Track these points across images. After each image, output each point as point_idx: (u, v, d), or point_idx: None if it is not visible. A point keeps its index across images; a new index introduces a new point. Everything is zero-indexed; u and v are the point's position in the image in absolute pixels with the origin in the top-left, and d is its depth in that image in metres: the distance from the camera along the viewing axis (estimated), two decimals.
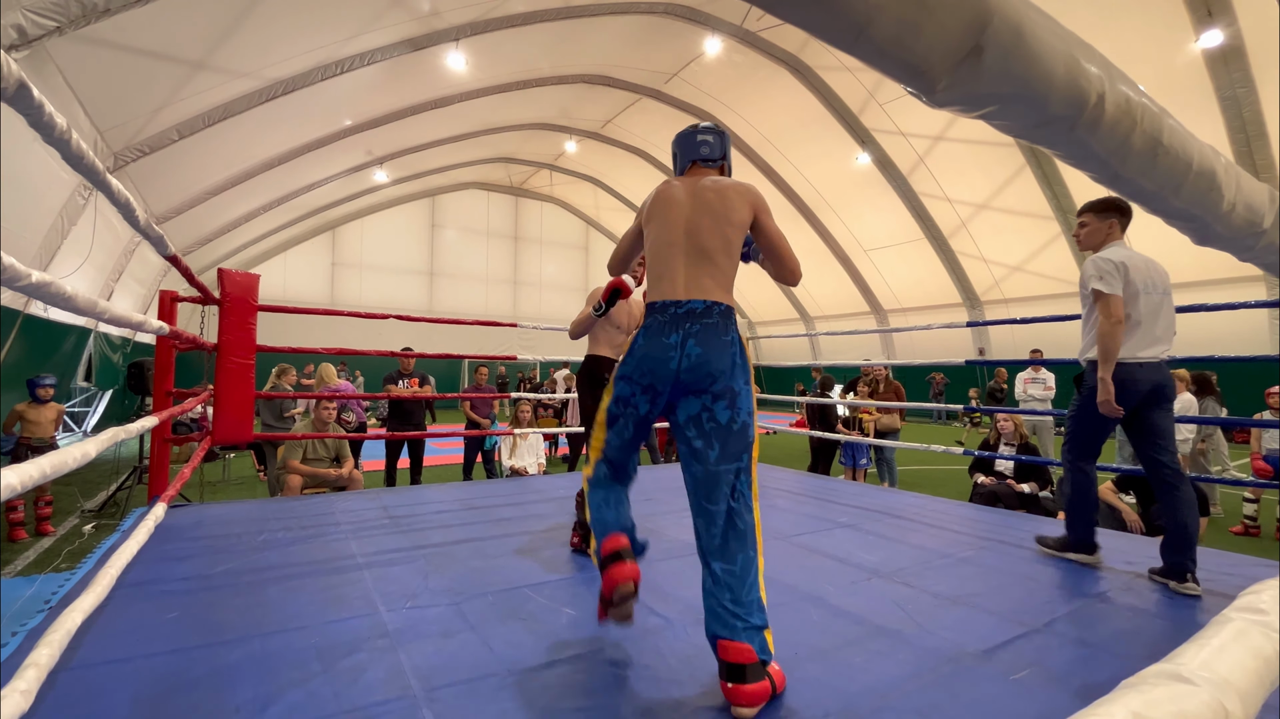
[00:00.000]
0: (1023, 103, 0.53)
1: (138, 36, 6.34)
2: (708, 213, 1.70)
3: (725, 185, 1.74)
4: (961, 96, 0.51)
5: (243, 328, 3.42)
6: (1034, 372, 7.37)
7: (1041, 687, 1.55)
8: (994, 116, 0.55)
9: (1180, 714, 0.43)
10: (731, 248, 1.71)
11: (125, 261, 9.67)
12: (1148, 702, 0.44)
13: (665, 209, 1.77)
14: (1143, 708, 0.43)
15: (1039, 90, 0.53)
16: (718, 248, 1.69)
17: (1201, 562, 2.69)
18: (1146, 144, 0.62)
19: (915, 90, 0.52)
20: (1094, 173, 0.67)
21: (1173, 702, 0.44)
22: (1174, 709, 0.43)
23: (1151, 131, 0.62)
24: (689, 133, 1.92)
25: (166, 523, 2.93)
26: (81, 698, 1.41)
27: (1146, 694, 0.45)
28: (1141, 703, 0.43)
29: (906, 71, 0.49)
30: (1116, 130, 0.59)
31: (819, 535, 3.02)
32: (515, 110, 14.34)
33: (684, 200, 1.75)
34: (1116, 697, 0.45)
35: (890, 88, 12.54)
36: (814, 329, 20.07)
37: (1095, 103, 0.57)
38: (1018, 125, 0.57)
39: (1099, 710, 0.42)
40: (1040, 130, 0.58)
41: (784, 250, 1.80)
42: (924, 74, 0.49)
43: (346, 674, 1.54)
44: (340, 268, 19.49)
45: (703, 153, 1.88)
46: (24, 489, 0.86)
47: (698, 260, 1.69)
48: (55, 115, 0.87)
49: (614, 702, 1.45)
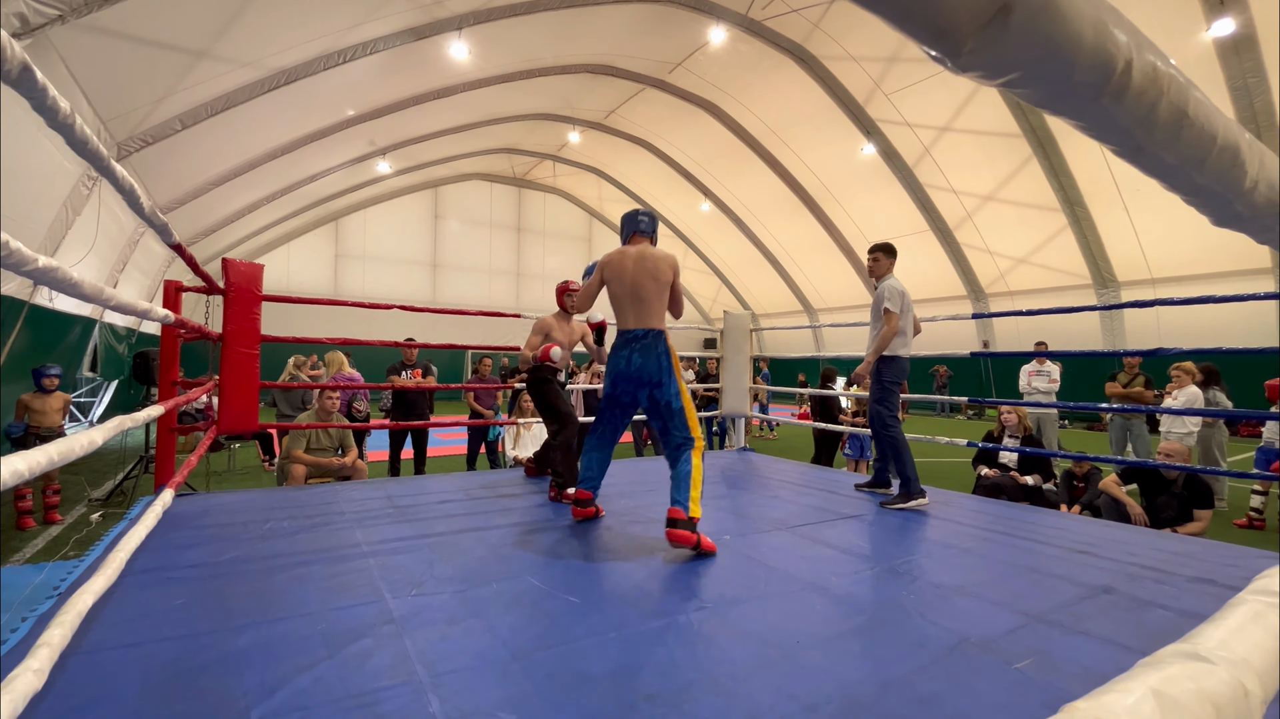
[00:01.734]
0: (1049, 68, 0.51)
1: (140, 25, 6.31)
2: (646, 274, 2.79)
3: (658, 255, 2.82)
4: (987, 61, 0.49)
5: (247, 318, 3.42)
6: (1038, 364, 7.34)
7: (1043, 676, 1.56)
8: (1017, 84, 0.54)
9: (1200, 692, 0.43)
10: (661, 296, 2.81)
11: (130, 252, 9.67)
12: (1166, 678, 0.43)
13: (619, 273, 2.82)
14: (1161, 685, 0.42)
15: (1066, 54, 0.51)
16: (652, 297, 2.80)
17: (1205, 553, 2.69)
18: (1172, 115, 0.61)
19: (939, 54, 0.50)
20: (1116, 145, 0.65)
21: (1192, 679, 0.44)
22: (1193, 687, 0.43)
23: (1178, 102, 0.60)
24: (632, 214, 2.96)
25: (173, 511, 2.95)
26: (92, 682, 1.42)
27: (1165, 672, 0.45)
28: (1160, 680, 0.43)
29: (931, 32, 0.47)
30: (1142, 100, 0.58)
31: (822, 526, 3.02)
32: (518, 100, 14.26)
33: (630, 267, 2.81)
34: (1135, 674, 0.45)
35: (896, 77, 12.43)
36: (817, 321, 20.02)
37: (1122, 70, 0.55)
38: (1041, 93, 0.55)
39: (1118, 687, 0.42)
40: (1063, 99, 0.56)
41: (680, 297, 2.91)
42: (950, 35, 0.47)
43: (353, 660, 1.55)
44: (344, 259, 19.49)
45: (641, 228, 2.94)
46: (32, 475, 0.87)
47: (639, 305, 2.79)
48: (59, 99, 0.86)
49: (615, 687, 1.46)
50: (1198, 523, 3.74)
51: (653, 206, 20.93)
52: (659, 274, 2.79)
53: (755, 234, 19.55)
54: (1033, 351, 5.85)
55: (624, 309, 2.83)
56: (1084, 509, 4.39)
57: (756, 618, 1.88)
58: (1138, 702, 0.42)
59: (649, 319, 2.78)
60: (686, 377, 8.60)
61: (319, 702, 1.37)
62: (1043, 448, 5.44)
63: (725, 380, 5.61)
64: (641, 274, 2.77)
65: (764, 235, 19.44)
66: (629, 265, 2.80)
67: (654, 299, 2.78)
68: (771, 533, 2.87)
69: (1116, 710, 0.41)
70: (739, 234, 19.73)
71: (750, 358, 5.68)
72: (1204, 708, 0.42)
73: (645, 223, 2.94)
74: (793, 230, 18.24)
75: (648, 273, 2.77)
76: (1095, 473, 4.52)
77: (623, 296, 2.81)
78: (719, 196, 18.89)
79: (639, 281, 2.77)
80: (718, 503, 3.50)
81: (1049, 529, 3.09)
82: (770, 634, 1.77)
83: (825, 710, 1.38)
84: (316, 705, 1.35)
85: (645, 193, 20.70)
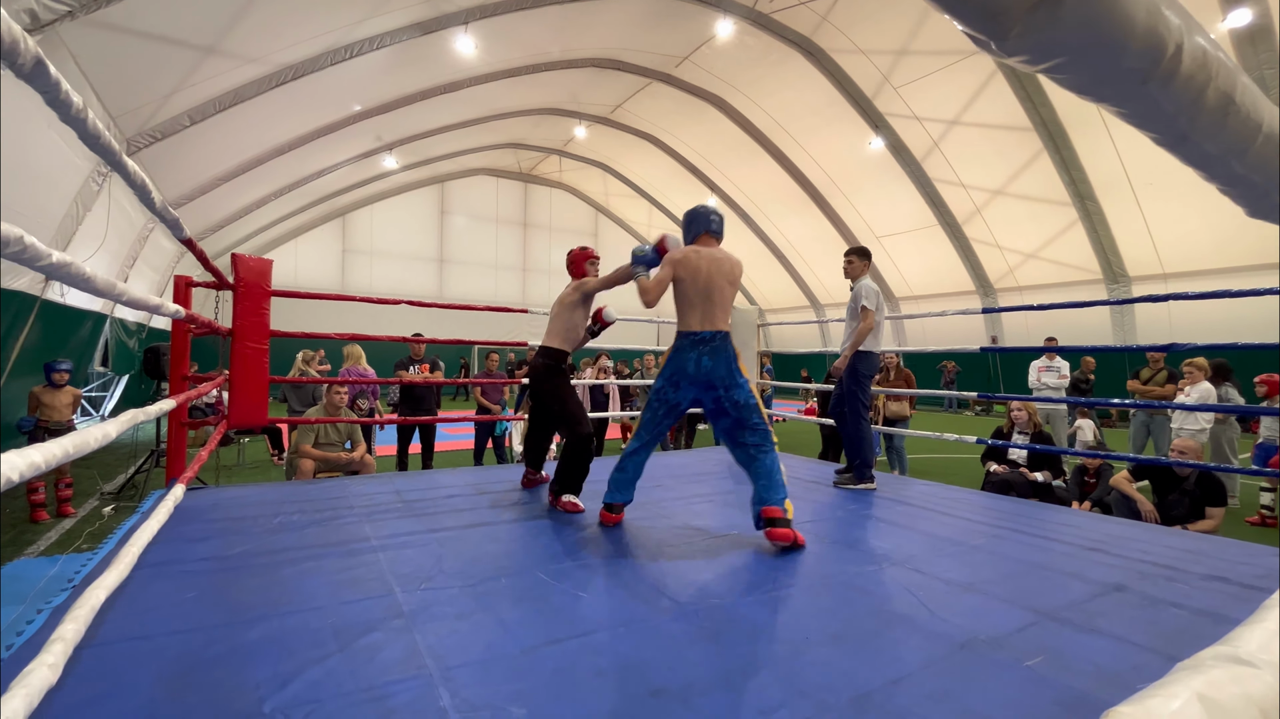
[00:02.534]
0: (1098, 52, 0.49)
1: (148, 21, 6.33)
2: (723, 277, 2.75)
3: (733, 260, 2.81)
4: (1034, 44, 0.47)
5: (257, 313, 3.44)
6: (1048, 360, 7.29)
7: (1054, 674, 1.54)
8: (1063, 69, 0.51)
9: (1245, 696, 0.42)
10: (732, 300, 2.81)
11: (140, 248, 9.74)
12: (1210, 683, 0.42)
13: (694, 273, 2.73)
14: (1206, 689, 0.41)
15: (1118, 37, 0.48)
16: (727, 300, 2.77)
17: (1217, 551, 2.67)
18: (1219, 101, 0.57)
19: (985, 36, 0.48)
20: (1159, 133, 0.62)
21: (1236, 683, 0.43)
22: (1238, 691, 0.42)
23: (1225, 88, 0.57)
24: (704, 213, 2.87)
25: (185, 505, 2.97)
26: (106, 674, 1.44)
27: (1208, 675, 0.43)
28: (1204, 684, 0.42)
29: (979, 14, 0.46)
30: (1190, 86, 0.55)
31: (829, 523, 3.01)
32: (524, 95, 14.24)
33: (705, 268, 2.74)
34: (1177, 678, 0.44)
35: (905, 70, 12.32)
36: (824, 316, 19.93)
37: (1172, 54, 0.52)
38: (1086, 78, 0.53)
39: (1161, 691, 0.41)
40: (1109, 84, 0.53)
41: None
42: (998, 17, 0.45)
43: (363, 653, 1.56)
44: (351, 254, 19.56)
45: (713, 229, 2.86)
46: (47, 467, 0.87)
47: (709, 307, 2.73)
48: (71, 93, 0.87)
49: (624, 681, 1.46)
50: (1210, 520, 3.71)
51: (659, 202, 20.88)
52: (734, 279, 2.79)
53: (762, 229, 19.47)
54: (1042, 347, 5.80)
55: (692, 309, 2.74)
56: (1094, 506, 4.35)
57: (765, 614, 1.88)
58: (1184, 706, 0.41)
59: (718, 321, 2.74)
60: None
61: (330, 694, 1.37)
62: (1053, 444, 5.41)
63: None
64: (718, 276, 2.73)
65: (771, 231, 19.37)
66: (704, 266, 2.72)
67: (727, 303, 2.77)
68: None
69: (1162, 715, 0.40)
70: (745, 229, 19.66)
71: (756, 353, 5.66)
72: (1250, 712, 0.41)
73: (716, 223, 2.87)
74: (800, 225, 18.16)
75: (724, 275, 2.75)
76: (1107, 469, 4.48)
77: (694, 297, 2.73)
78: (725, 192, 18.81)
79: (715, 284, 2.72)
80: (725, 498, 3.49)
81: (1059, 526, 3.07)
82: (779, 630, 1.76)
83: (834, 707, 1.38)
84: (328, 698, 1.36)
85: (651, 188, 20.65)
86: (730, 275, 2.77)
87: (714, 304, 2.72)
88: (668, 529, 2.80)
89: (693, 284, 2.74)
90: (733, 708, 1.37)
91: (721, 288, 2.73)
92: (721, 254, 2.79)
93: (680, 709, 1.36)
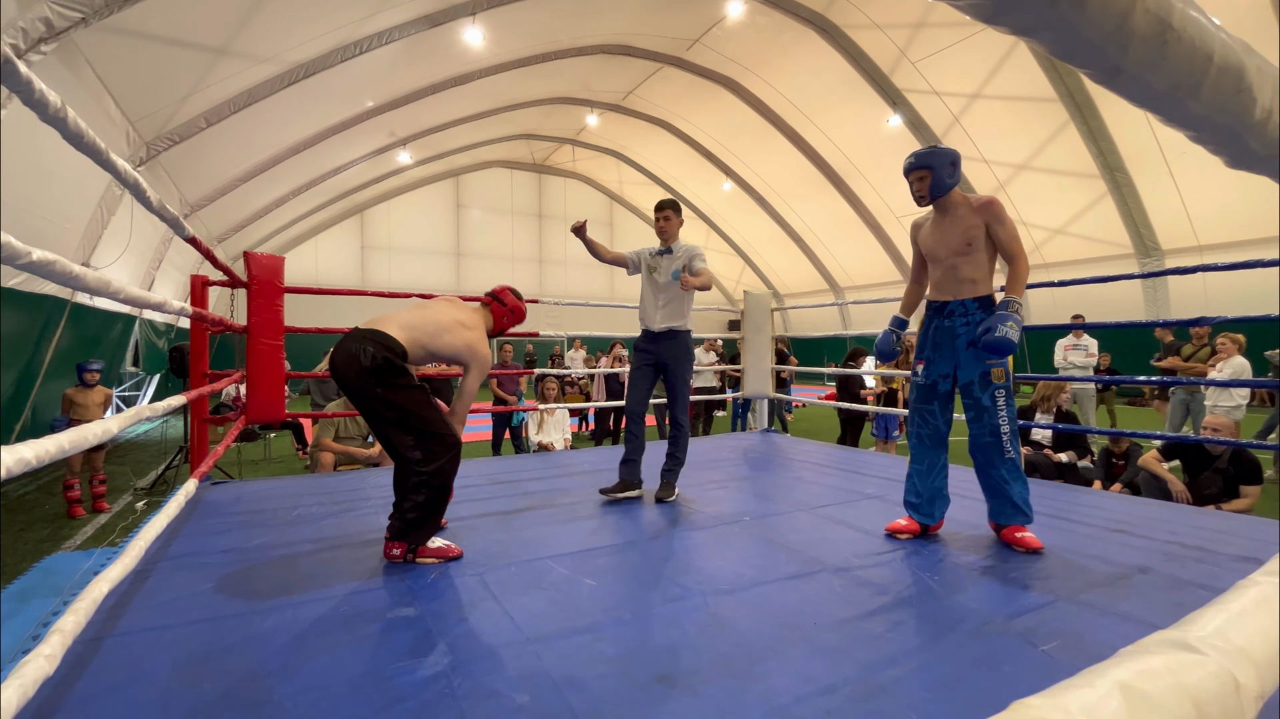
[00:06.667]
0: None
1: (159, 24, 6.41)
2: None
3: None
4: None
5: (270, 310, 3.48)
6: (1075, 338, 7.09)
7: (1070, 658, 1.50)
8: None
9: (1178, 686, 0.38)
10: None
11: (165, 249, 9.96)
12: (1141, 672, 0.38)
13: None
14: (1133, 679, 0.37)
15: None
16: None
17: (1248, 531, 2.57)
18: (1153, 27, 0.51)
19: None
20: (1088, 66, 0.56)
21: (1171, 673, 0.39)
22: (1171, 681, 0.38)
23: (1157, 11, 0.51)
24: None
25: (208, 499, 3.05)
26: (125, 663, 1.48)
27: (1142, 663, 0.40)
28: (1133, 673, 0.38)
29: None
30: (1110, 8, 0.48)
31: (845, 507, 2.98)
32: (535, 85, 14.16)
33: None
34: (1108, 665, 0.40)
35: (923, 43, 11.96)
36: (844, 299, 19.65)
37: None
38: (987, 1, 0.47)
39: (1081, 681, 0.38)
40: (1015, 7, 0.48)
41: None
42: None
43: (374, 641, 1.58)
44: (369, 250, 19.78)
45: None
46: (39, 463, 0.89)
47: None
48: (47, 92, 0.86)
49: (632, 669, 1.46)
50: (1244, 499, 3.58)
51: (673, 188, 20.70)
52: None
53: (779, 213, 19.18)
54: (1069, 324, 5.63)
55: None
56: (1124, 487, 4.23)
57: (775, 600, 1.86)
58: (1101, 698, 0.37)
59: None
60: (710, 359, 8.50)
61: (338, 681, 1.39)
62: (1078, 424, 5.26)
63: (746, 361, 5.54)
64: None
65: (788, 214, 19.07)
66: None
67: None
68: (793, 514, 2.84)
69: (1072, 709, 0.36)
70: (762, 213, 19.39)
71: (771, 338, 5.60)
72: (1181, 704, 0.37)
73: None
74: (817, 208, 17.85)
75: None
76: (1135, 449, 4.35)
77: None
78: (741, 175, 18.56)
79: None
80: (740, 484, 3.47)
81: (1083, 508, 2.99)
82: (788, 616, 1.74)
83: (842, 693, 1.36)
84: (336, 685, 1.38)
85: (666, 174, 20.46)
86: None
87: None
88: (678, 516, 2.79)
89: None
90: (737, 694, 1.35)
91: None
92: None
93: (685, 696, 1.35)
